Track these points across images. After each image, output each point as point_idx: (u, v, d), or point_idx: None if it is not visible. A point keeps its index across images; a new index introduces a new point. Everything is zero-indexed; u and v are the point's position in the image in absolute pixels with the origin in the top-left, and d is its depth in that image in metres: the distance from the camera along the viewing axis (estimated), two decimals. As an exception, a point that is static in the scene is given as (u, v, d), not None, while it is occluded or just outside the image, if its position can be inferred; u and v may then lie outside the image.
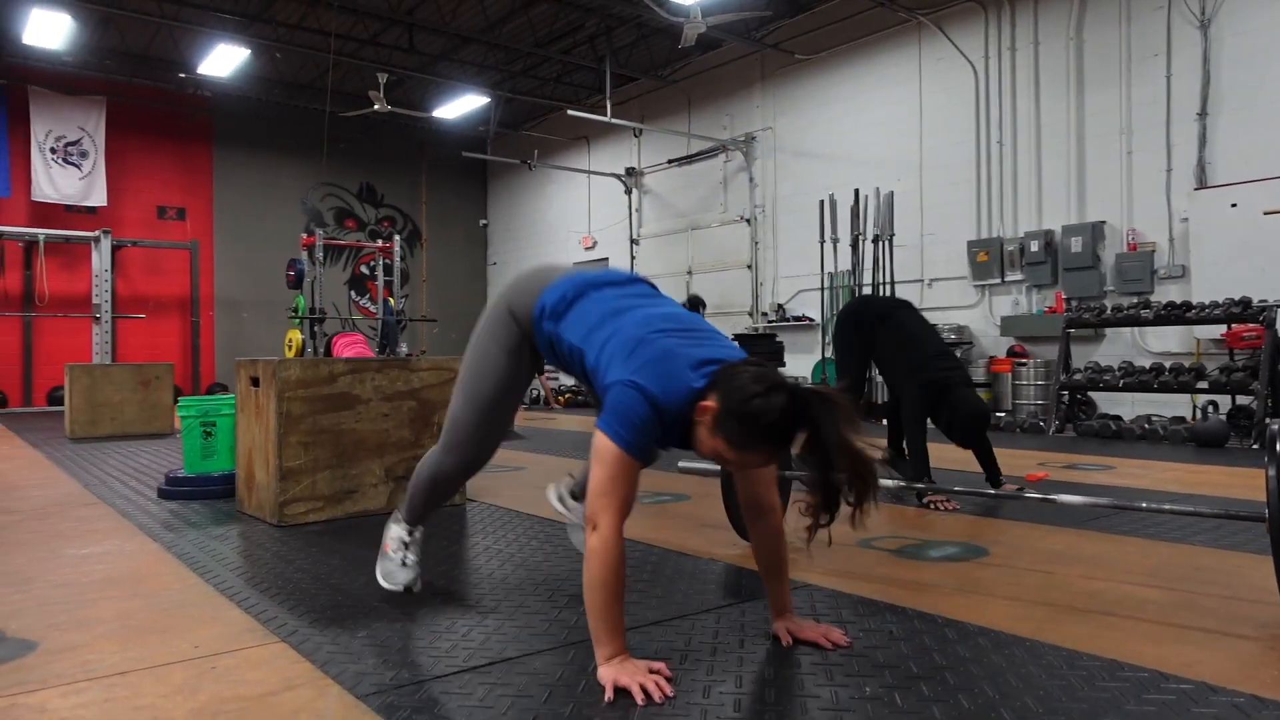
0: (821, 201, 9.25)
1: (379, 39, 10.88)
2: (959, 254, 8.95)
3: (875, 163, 9.55)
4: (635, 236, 12.82)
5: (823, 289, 9.39)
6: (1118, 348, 7.81)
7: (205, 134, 12.96)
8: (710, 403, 1.70)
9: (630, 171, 12.81)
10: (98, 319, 10.81)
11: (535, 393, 11.83)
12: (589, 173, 13.31)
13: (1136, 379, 6.88)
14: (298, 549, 2.94)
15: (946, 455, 4.46)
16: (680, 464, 3.51)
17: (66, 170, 11.56)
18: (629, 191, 12.86)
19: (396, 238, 13.11)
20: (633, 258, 12.75)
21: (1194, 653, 1.86)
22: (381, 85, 10.70)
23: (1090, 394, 7.61)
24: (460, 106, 12.16)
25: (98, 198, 11.79)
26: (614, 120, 10.72)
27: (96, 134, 11.73)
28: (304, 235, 12.56)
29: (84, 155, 11.67)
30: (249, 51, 10.17)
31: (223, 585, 2.47)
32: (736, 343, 2.17)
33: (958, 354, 7.55)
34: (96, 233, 10.80)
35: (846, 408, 1.65)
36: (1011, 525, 3.29)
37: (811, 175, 10.26)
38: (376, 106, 10.77)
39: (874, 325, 4.06)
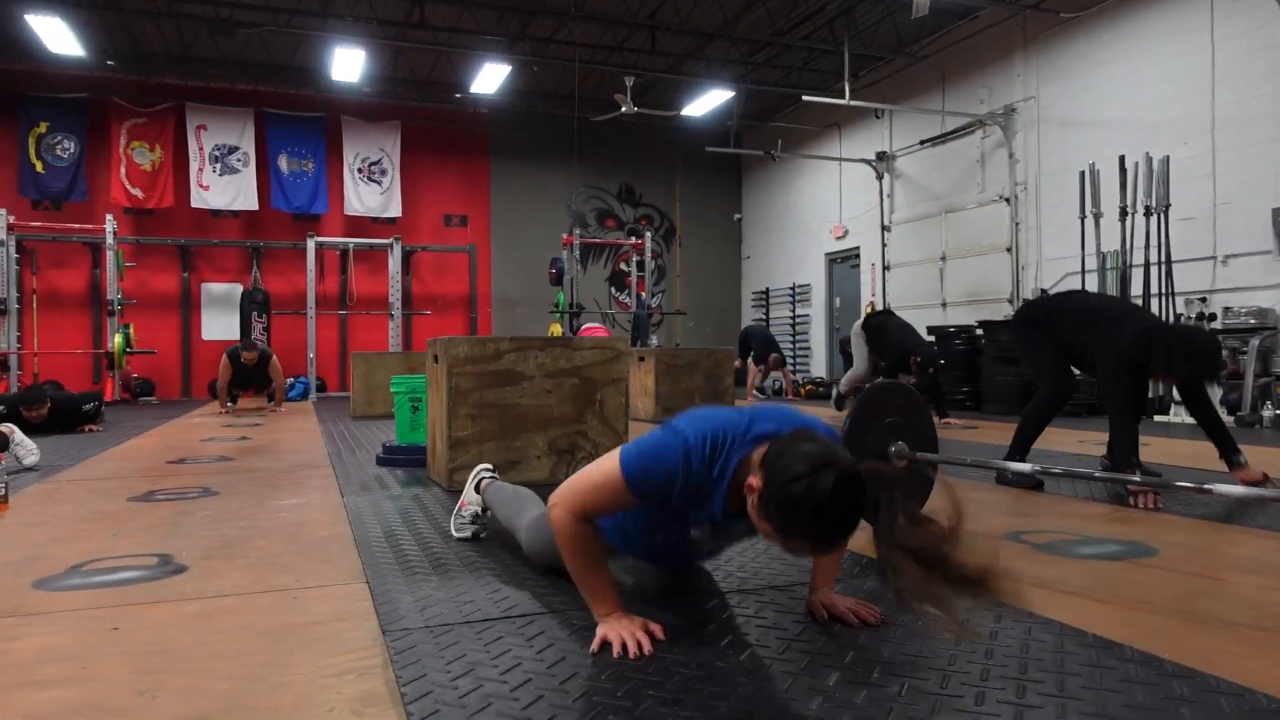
0: (1082, 173, 8.30)
1: (625, 45, 11.35)
2: (1262, 225, 7.61)
3: (1156, 126, 8.39)
4: (886, 223, 12.27)
5: (1083, 271, 8.42)
6: None
7: (483, 147, 14.26)
8: (755, 481, 1.53)
9: (881, 156, 12.29)
10: (392, 315, 12.30)
11: (776, 383, 11.73)
12: (839, 160, 12.95)
13: None
14: (450, 511, 3.18)
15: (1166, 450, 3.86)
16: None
17: (370, 187, 13.27)
18: (880, 177, 12.34)
19: (648, 234, 13.62)
20: (884, 245, 12.22)
21: (1333, 679, 1.48)
22: (628, 89, 11.15)
23: None
24: (707, 103, 12.35)
25: (394, 210, 13.42)
26: (854, 103, 10.34)
27: (393, 154, 13.35)
28: (564, 235, 13.47)
29: (383, 173, 13.33)
30: (509, 68, 11.05)
31: (363, 535, 2.75)
32: None
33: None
34: (390, 240, 12.29)
35: (906, 496, 1.40)
36: (1207, 527, 2.79)
37: (1081, 146, 9.22)
38: (624, 109, 11.24)
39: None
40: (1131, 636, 1.70)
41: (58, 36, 9.51)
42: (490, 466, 2.84)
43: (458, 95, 12.62)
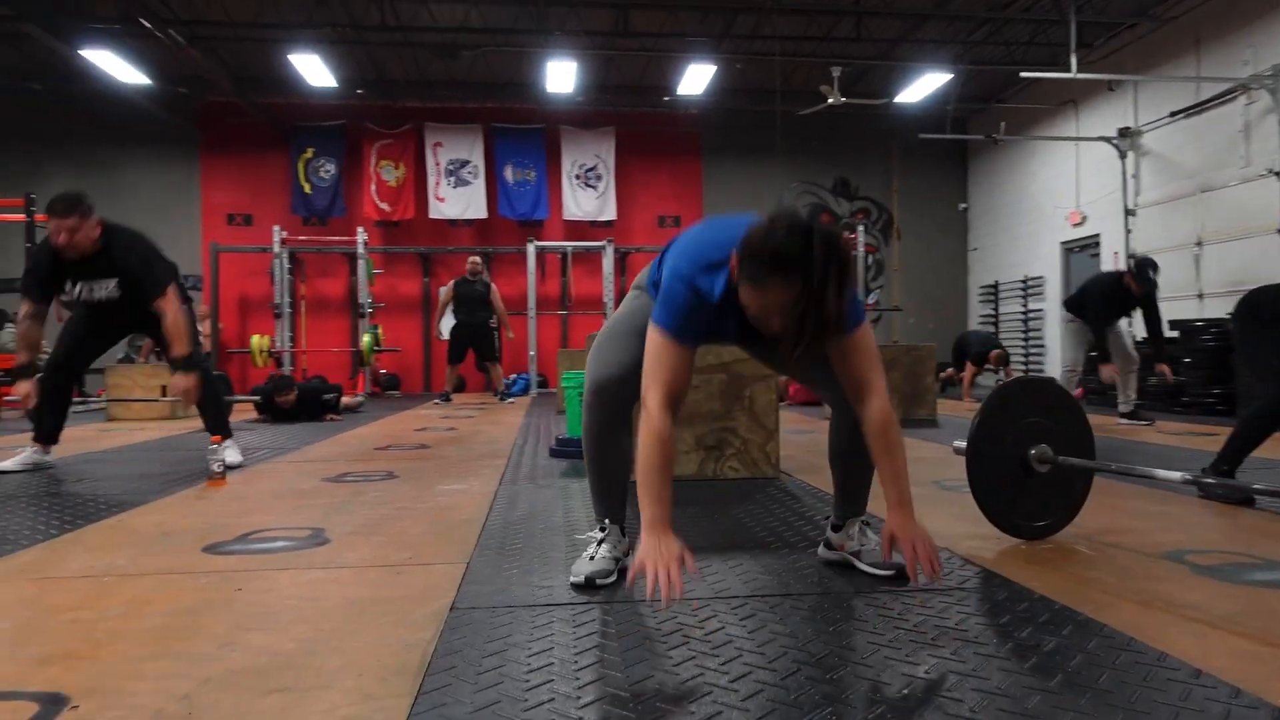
0: (1368, 137, 7.03)
1: (831, 35, 11.06)
2: None
3: None
4: (1131, 206, 11.06)
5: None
6: None
7: (694, 148, 14.46)
8: (734, 258, 1.78)
9: (1124, 132, 11.09)
10: (606, 315, 12.79)
11: (1000, 382, 10.93)
12: (1075, 139, 11.84)
13: None
14: (585, 502, 3.28)
15: None
16: (955, 444, 3.12)
17: (587, 192, 13.88)
18: (1123, 155, 11.14)
19: (860, 228, 13.21)
20: (1128, 231, 11.03)
21: None
22: (835, 79, 10.86)
23: None
24: (922, 88, 11.74)
25: (610, 213, 13.93)
26: (1082, 76, 9.41)
27: (608, 159, 13.86)
28: (773, 232, 13.33)
29: (599, 178, 13.89)
30: (715, 68, 11.12)
31: (495, 520, 2.91)
32: None
33: None
34: (604, 242, 12.78)
35: (849, 261, 1.69)
36: None
37: (1373, 105, 7.84)
38: (831, 101, 10.96)
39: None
40: (1250, 675, 1.46)
41: (315, 72, 10.77)
42: None
43: (666, 98, 12.87)
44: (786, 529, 2.75)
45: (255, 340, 11.43)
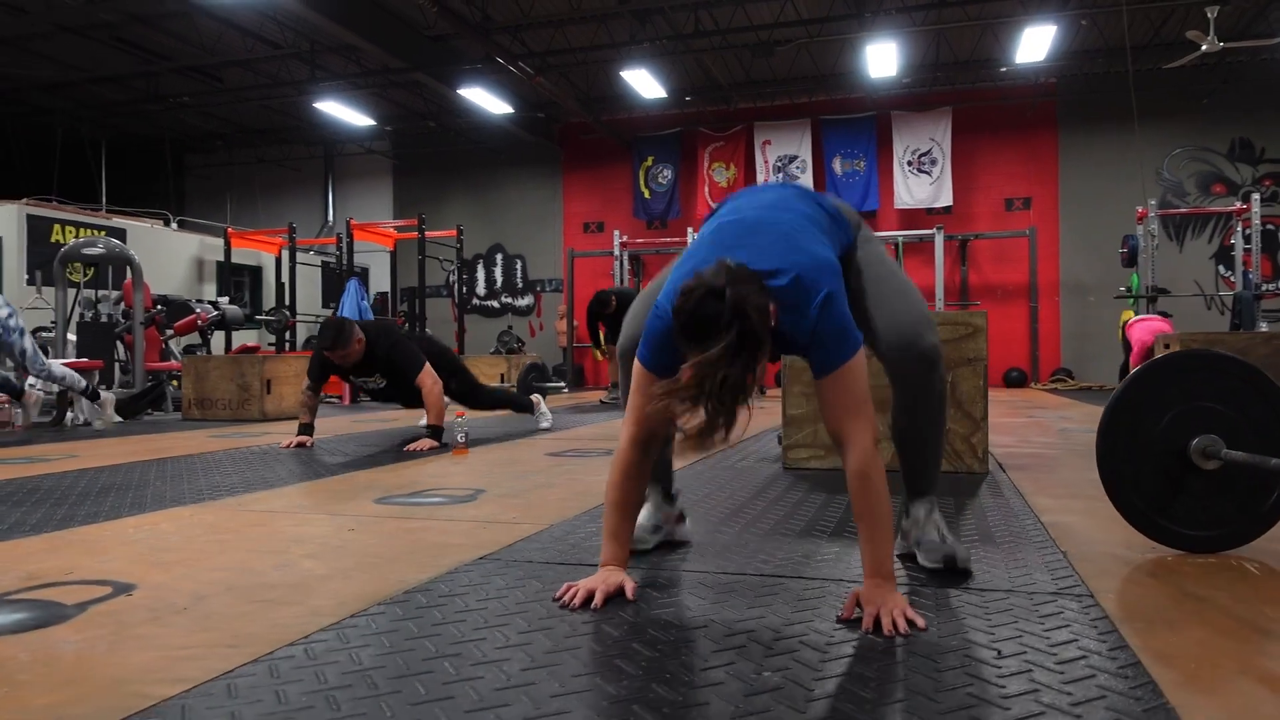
0: None
1: (1205, -32, 9.36)
2: None
3: None
4: None
5: None
6: None
7: (1047, 120, 13.04)
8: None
9: None
10: (938, 306, 12.06)
11: None
12: None
13: None
14: (752, 485, 3.24)
15: None
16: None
17: (919, 178, 13.18)
18: None
19: (1255, 197, 11.00)
20: None
21: None
22: (1211, 20, 9.19)
23: None
24: (1344, 16, 9.46)
25: (945, 199, 13.09)
26: None
27: (943, 142, 13.04)
28: (1139, 209, 11.61)
29: (933, 163, 13.11)
30: (1055, 28, 9.96)
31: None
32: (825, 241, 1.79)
33: None
34: (934, 230, 12.06)
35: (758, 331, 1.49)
36: None
37: None
38: (1204, 47, 9.30)
39: None
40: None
41: (646, 85, 11.56)
42: None
43: (1004, 69, 11.80)
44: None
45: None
